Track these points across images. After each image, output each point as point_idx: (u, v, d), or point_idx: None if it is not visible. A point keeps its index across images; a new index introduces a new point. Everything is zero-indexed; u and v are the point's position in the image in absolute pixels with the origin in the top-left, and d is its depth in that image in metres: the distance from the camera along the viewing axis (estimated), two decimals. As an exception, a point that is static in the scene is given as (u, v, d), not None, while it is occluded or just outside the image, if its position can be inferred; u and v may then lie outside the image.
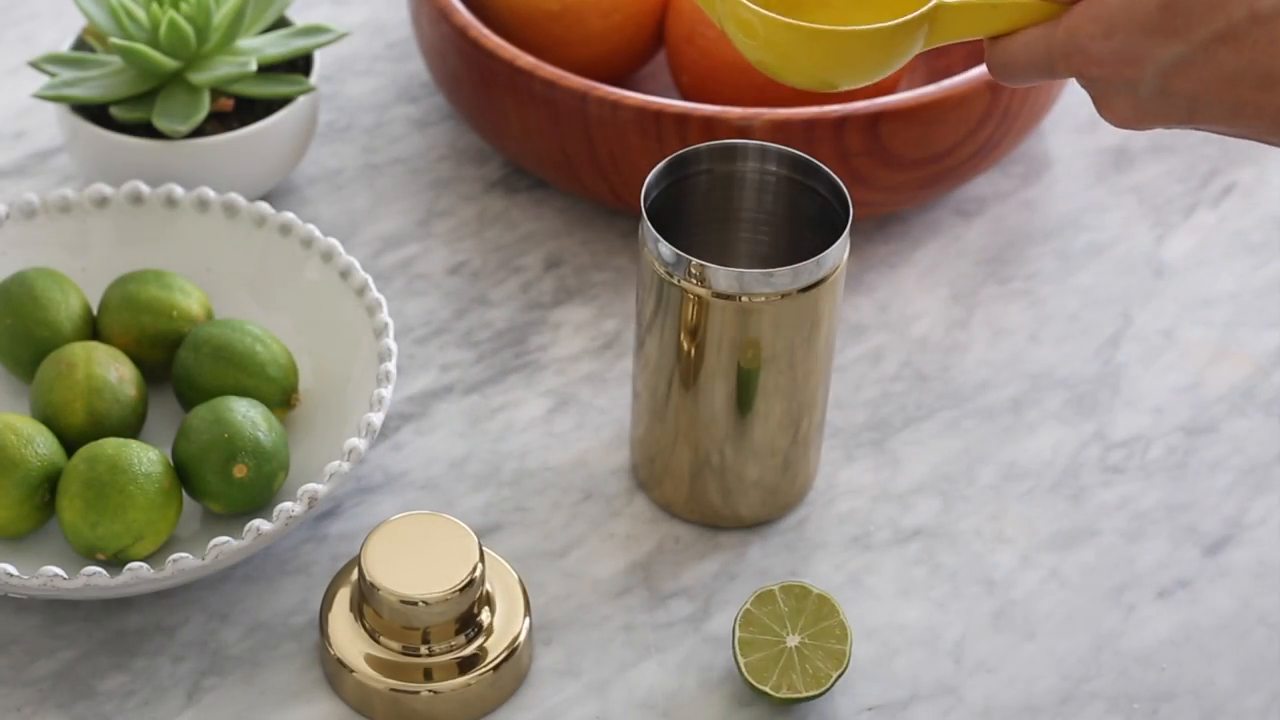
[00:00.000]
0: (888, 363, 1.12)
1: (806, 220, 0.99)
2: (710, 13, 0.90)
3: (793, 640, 0.95)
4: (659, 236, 0.96)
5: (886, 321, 1.14)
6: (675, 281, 0.96)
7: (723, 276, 0.95)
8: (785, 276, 0.95)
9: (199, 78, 1.10)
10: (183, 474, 0.99)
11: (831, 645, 0.95)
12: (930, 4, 0.87)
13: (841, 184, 0.97)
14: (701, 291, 0.95)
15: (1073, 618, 1.01)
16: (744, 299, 0.95)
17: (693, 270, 0.95)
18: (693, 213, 1.00)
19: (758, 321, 0.96)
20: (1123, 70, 0.83)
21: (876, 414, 1.09)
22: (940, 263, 1.17)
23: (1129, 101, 0.84)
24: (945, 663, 0.99)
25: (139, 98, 1.11)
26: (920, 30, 0.88)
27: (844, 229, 0.96)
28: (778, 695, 0.95)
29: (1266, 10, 0.79)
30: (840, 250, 0.96)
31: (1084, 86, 0.86)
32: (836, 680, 0.95)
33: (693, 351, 0.97)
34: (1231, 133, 0.84)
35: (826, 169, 0.98)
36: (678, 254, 0.95)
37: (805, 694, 0.95)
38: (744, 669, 0.95)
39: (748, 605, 0.96)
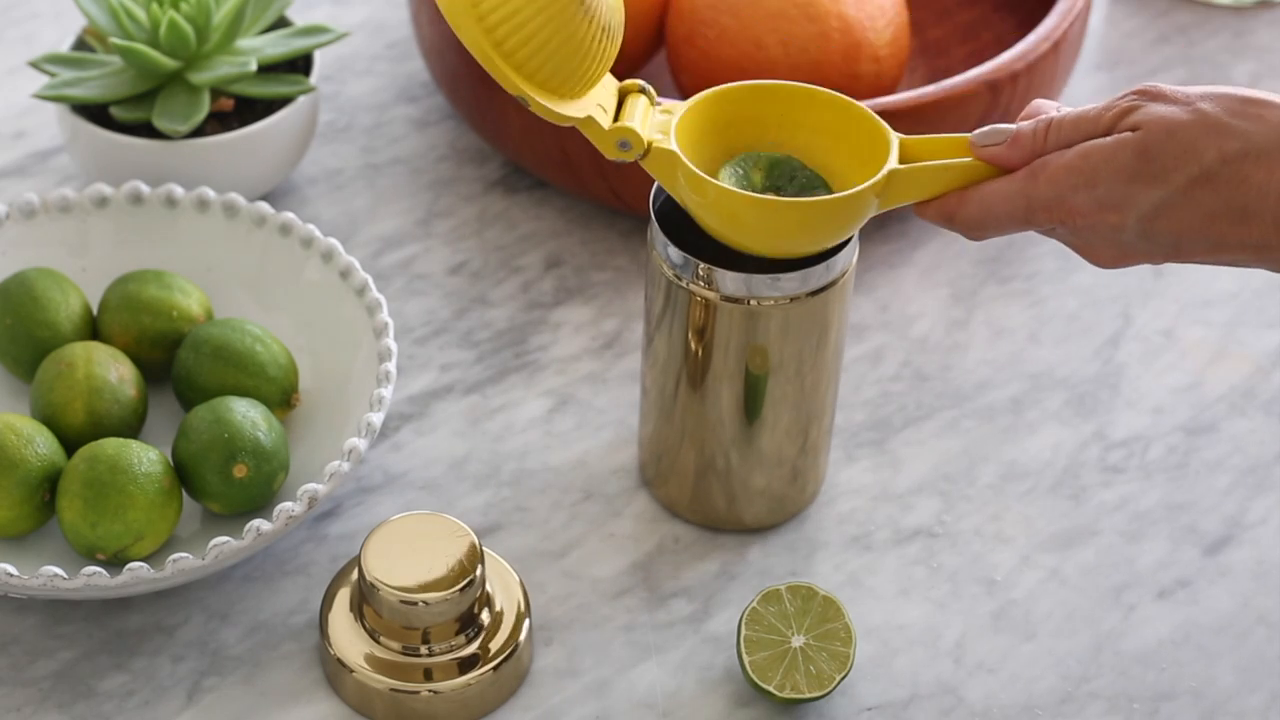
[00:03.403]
0: (888, 363, 1.12)
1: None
2: (669, 187, 0.92)
3: (798, 641, 0.95)
4: (667, 240, 0.95)
5: (886, 321, 1.14)
6: (683, 284, 0.96)
7: (730, 280, 0.95)
8: (793, 281, 0.95)
9: (199, 78, 1.10)
10: (183, 474, 0.99)
11: (836, 647, 0.95)
12: (884, 171, 0.90)
13: None
14: (709, 295, 0.95)
15: (1073, 618, 1.01)
16: (752, 303, 0.95)
17: (700, 273, 0.95)
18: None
19: (765, 326, 0.95)
20: (1107, 217, 0.86)
21: (876, 414, 1.09)
22: (940, 263, 1.17)
23: (1113, 246, 0.88)
24: (945, 663, 0.99)
25: (139, 98, 1.11)
26: (874, 198, 0.91)
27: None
28: (781, 695, 0.95)
29: (1233, 151, 0.84)
30: (849, 254, 0.96)
31: (1060, 237, 0.89)
32: (840, 682, 0.95)
33: (700, 354, 0.97)
34: (1213, 263, 0.87)
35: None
36: (685, 256, 0.95)
37: (808, 695, 0.95)
38: (748, 667, 0.95)
39: (754, 604, 0.96)
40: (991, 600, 1.01)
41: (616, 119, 0.92)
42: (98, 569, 0.93)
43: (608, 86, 0.93)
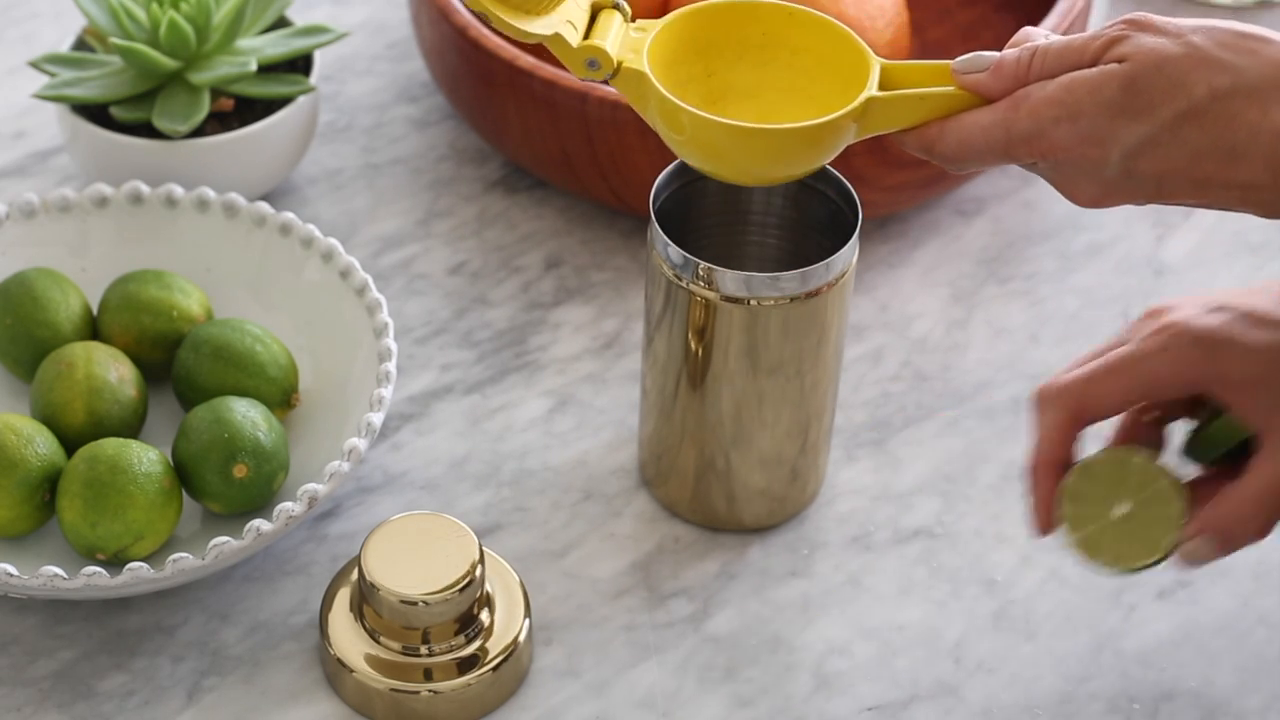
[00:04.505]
0: (888, 363, 1.12)
1: (815, 224, 0.99)
2: (640, 109, 0.90)
3: (1121, 509, 0.90)
4: (668, 240, 0.95)
5: (886, 321, 1.14)
6: (683, 284, 0.96)
7: (730, 280, 0.94)
8: (793, 280, 0.95)
9: (199, 78, 1.10)
10: (183, 474, 0.99)
11: (1162, 510, 0.89)
12: (861, 98, 0.88)
13: (850, 187, 0.97)
14: (709, 295, 0.95)
15: (1073, 618, 1.01)
16: (752, 303, 0.95)
17: (700, 273, 0.95)
18: (702, 215, 1.00)
19: (765, 326, 0.95)
20: (1088, 152, 0.83)
21: (876, 414, 1.09)
22: (940, 263, 1.17)
23: (1094, 183, 0.84)
24: (945, 663, 0.99)
25: (139, 98, 1.11)
26: (851, 125, 0.88)
27: (853, 233, 0.95)
28: (1123, 566, 0.89)
29: (1224, 87, 0.80)
30: (849, 254, 0.96)
31: (1042, 171, 0.86)
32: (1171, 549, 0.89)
33: (700, 354, 0.97)
34: (1196, 204, 0.84)
35: (835, 172, 0.97)
36: (686, 256, 0.95)
37: (1144, 562, 0.89)
38: (1078, 546, 0.89)
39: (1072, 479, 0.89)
40: (991, 600, 1.01)
41: (587, 37, 0.89)
42: (98, 569, 0.93)
43: (580, 2, 0.89)
